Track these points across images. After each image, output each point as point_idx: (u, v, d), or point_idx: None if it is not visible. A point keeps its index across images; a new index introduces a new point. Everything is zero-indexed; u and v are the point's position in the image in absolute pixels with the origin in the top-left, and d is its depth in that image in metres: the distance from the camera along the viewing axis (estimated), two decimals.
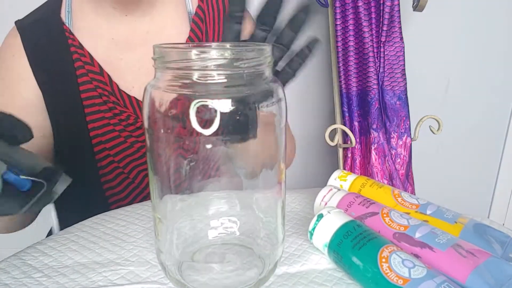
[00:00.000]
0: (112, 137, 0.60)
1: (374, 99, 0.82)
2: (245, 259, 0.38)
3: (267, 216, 0.39)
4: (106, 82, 0.59)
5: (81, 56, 0.59)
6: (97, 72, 0.59)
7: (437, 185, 1.24)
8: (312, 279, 0.37)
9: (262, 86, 0.32)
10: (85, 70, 0.59)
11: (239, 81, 0.31)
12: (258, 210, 0.39)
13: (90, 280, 0.37)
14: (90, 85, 0.59)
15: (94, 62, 0.59)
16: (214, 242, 0.40)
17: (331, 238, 0.37)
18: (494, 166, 1.32)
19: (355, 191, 0.46)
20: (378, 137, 0.83)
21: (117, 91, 0.60)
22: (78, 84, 0.58)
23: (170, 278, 0.36)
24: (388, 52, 0.83)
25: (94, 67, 0.59)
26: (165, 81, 0.31)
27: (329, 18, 0.87)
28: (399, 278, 0.32)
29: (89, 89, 0.59)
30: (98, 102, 0.59)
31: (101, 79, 0.59)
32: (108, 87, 0.59)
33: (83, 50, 0.59)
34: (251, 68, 0.31)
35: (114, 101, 0.60)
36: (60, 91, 0.59)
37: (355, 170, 0.85)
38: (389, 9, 0.81)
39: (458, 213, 0.41)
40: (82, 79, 0.58)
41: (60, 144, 0.61)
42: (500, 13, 1.15)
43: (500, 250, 0.36)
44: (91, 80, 0.59)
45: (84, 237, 0.45)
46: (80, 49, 0.59)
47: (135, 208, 0.51)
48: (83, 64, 0.59)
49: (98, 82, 0.59)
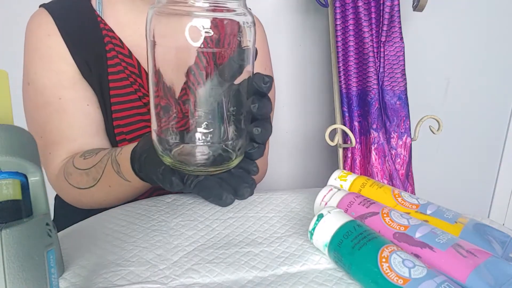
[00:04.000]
0: (132, 122, 0.64)
1: (374, 99, 0.82)
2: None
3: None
4: (135, 65, 0.63)
5: (112, 39, 0.63)
6: (127, 55, 0.63)
7: (437, 185, 1.24)
8: (312, 279, 0.37)
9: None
10: (116, 52, 0.62)
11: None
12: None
13: (91, 282, 0.37)
14: (120, 67, 0.62)
15: (124, 46, 0.63)
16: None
17: (331, 238, 0.37)
18: (494, 166, 1.32)
19: (355, 191, 0.46)
20: (378, 137, 0.83)
21: (143, 74, 0.64)
22: (108, 66, 0.62)
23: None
24: (388, 52, 0.83)
25: (124, 50, 0.63)
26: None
27: (329, 18, 0.87)
28: (399, 278, 0.32)
29: (119, 71, 0.63)
30: (126, 84, 0.63)
31: (131, 62, 0.63)
32: (136, 70, 0.63)
33: (114, 34, 0.63)
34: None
35: (140, 83, 0.63)
36: (92, 71, 0.62)
37: (355, 170, 0.85)
38: (389, 9, 0.81)
39: (458, 213, 0.41)
40: (113, 61, 0.62)
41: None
42: (500, 13, 1.15)
43: (500, 250, 0.36)
44: (120, 62, 0.63)
45: (84, 238, 0.45)
46: (111, 32, 0.63)
47: (135, 208, 0.51)
48: (114, 46, 0.63)
49: (127, 64, 0.63)
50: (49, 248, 0.28)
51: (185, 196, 0.53)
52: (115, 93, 0.62)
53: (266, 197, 0.52)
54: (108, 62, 0.62)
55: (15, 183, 0.30)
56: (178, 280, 0.37)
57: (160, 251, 0.41)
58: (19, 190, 0.30)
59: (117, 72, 0.62)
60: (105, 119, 0.63)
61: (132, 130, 0.64)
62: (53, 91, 0.60)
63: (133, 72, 0.63)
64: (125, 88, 0.63)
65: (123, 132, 0.63)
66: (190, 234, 0.44)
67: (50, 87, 0.60)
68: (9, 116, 0.31)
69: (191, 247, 0.42)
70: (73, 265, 0.40)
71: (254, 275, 0.38)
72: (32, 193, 0.32)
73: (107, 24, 0.63)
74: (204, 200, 0.52)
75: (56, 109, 0.60)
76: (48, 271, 0.28)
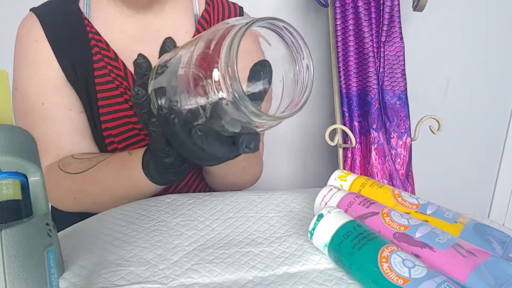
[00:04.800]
0: (120, 124, 0.64)
1: (374, 99, 0.82)
2: None
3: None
4: (120, 68, 0.63)
5: (98, 42, 0.63)
6: (112, 58, 0.63)
7: (437, 185, 1.24)
8: (312, 279, 0.37)
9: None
10: (101, 55, 0.63)
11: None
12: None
13: (91, 282, 0.37)
14: (105, 70, 0.63)
15: (110, 49, 0.63)
16: None
17: (331, 238, 0.37)
18: (494, 166, 1.32)
19: (355, 191, 0.46)
20: (378, 137, 0.83)
21: (130, 76, 0.64)
22: (94, 69, 0.63)
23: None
24: (388, 52, 0.83)
25: (109, 53, 0.63)
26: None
27: (329, 18, 0.87)
28: (399, 278, 0.32)
29: (105, 74, 0.63)
30: (111, 87, 0.63)
31: (116, 65, 0.63)
32: (122, 73, 0.63)
33: (100, 37, 0.63)
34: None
35: (126, 86, 0.63)
36: (78, 75, 0.62)
37: (355, 170, 0.85)
38: (389, 9, 0.81)
39: (458, 213, 0.41)
40: (99, 64, 0.63)
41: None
42: (500, 13, 1.15)
43: (500, 250, 0.36)
44: (106, 65, 0.63)
45: (84, 238, 0.45)
46: (97, 35, 0.63)
47: (135, 208, 0.51)
48: (99, 49, 0.63)
49: (112, 67, 0.63)
50: (49, 248, 0.28)
51: (185, 196, 0.53)
52: (102, 96, 0.63)
53: (266, 197, 0.52)
54: (94, 66, 0.62)
55: (15, 183, 0.30)
56: (178, 280, 0.37)
57: (160, 251, 0.41)
58: (19, 190, 0.30)
59: (103, 75, 0.63)
60: (92, 124, 0.64)
61: (121, 134, 0.64)
62: (37, 97, 0.61)
63: (118, 75, 0.63)
64: (111, 91, 0.63)
65: (111, 135, 0.63)
66: (190, 234, 0.44)
67: (34, 93, 0.61)
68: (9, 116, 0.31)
69: (191, 247, 0.42)
70: (73, 265, 0.40)
71: (254, 275, 0.38)
72: (32, 193, 0.32)
73: (94, 27, 0.63)
74: (204, 200, 0.52)
75: (40, 115, 0.61)
76: (48, 271, 0.28)
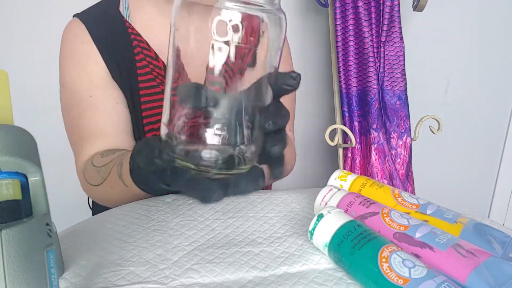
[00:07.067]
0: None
1: (374, 99, 0.82)
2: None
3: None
4: (161, 66, 0.67)
5: (139, 43, 0.67)
6: (153, 57, 0.67)
7: (437, 185, 1.25)
8: (312, 279, 0.37)
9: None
10: (144, 55, 0.67)
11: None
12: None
13: (91, 282, 0.37)
14: (147, 69, 0.67)
15: (151, 49, 0.68)
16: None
17: (331, 238, 0.37)
18: (494, 166, 1.32)
19: (355, 191, 0.46)
20: (378, 137, 0.83)
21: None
22: (137, 68, 0.67)
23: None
24: (388, 52, 0.83)
25: (150, 53, 0.67)
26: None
27: (329, 18, 0.87)
28: (399, 278, 0.32)
29: (147, 72, 0.67)
30: (153, 84, 0.67)
31: (157, 64, 0.67)
32: (162, 72, 0.67)
33: (141, 37, 0.68)
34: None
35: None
36: (122, 73, 0.67)
37: (355, 170, 0.85)
38: (389, 9, 0.81)
39: (458, 213, 0.41)
40: (141, 63, 0.67)
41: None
42: (500, 13, 1.15)
43: (500, 250, 0.36)
44: (148, 64, 0.67)
45: (84, 238, 0.45)
46: (139, 36, 0.68)
47: (135, 208, 0.51)
48: (141, 49, 0.67)
49: (154, 66, 0.67)
50: (49, 248, 0.28)
51: (185, 196, 0.53)
52: (144, 93, 0.66)
53: (266, 197, 0.52)
54: (137, 64, 0.66)
55: (15, 183, 0.30)
56: (178, 280, 0.37)
57: (160, 251, 0.41)
58: (19, 190, 0.30)
59: (145, 74, 0.67)
60: (134, 119, 0.67)
61: (158, 112, 0.68)
62: (85, 91, 0.65)
63: (159, 74, 0.67)
64: (153, 88, 0.67)
65: (153, 129, 0.67)
66: (190, 234, 0.44)
67: (82, 87, 0.66)
68: (9, 116, 0.31)
69: (191, 247, 0.42)
70: (73, 265, 0.40)
71: (254, 275, 0.38)
72: (32, 193, 0.31)
73: (135, 28, 0.68)
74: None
75: (87, 106, 0.65)
76: (48, 271, 0.28)
